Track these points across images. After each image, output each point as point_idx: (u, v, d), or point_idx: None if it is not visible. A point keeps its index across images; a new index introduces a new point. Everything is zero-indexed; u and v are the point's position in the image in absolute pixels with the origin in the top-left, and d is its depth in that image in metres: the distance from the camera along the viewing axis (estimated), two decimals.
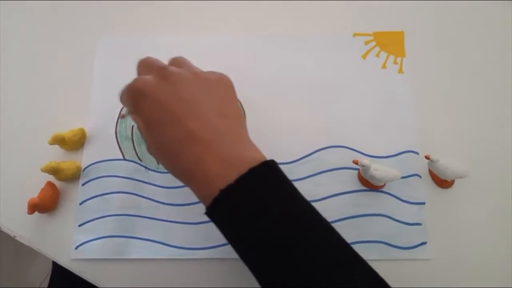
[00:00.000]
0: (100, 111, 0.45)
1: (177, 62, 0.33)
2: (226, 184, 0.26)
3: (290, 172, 0.41)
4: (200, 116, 0.28)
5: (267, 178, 0.28)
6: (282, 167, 0.42)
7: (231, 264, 0.39)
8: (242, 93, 0.45)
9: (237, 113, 0.31)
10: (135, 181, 0.42)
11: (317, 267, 0.25)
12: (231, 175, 0.26)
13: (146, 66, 0.32)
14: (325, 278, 0.25)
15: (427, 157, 0.39)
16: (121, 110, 0.44)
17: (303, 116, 0.44)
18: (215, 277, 0.39)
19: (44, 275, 1.12)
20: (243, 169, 0.26)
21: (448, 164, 0.38)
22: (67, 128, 0.43)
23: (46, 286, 0.52)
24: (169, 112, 0.28)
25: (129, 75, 0.33)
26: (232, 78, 0.45)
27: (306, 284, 0.25)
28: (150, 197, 0.41)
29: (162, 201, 0.41)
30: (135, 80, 0.30)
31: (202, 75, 0.31)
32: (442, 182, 0.41)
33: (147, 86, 0.29)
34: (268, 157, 0.42)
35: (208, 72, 0.32)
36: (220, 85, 0.32)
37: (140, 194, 0.42)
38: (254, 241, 0.27)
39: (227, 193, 0.26)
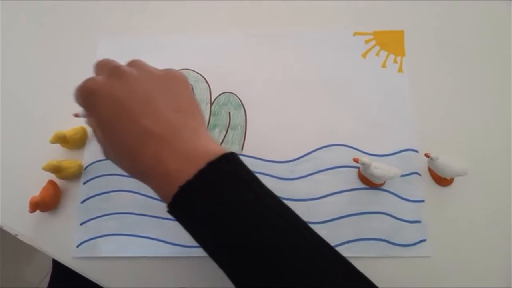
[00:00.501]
0: None
1: (133, 63, 0.32)
2: (185, 180, 0.26)
3: (290, 170, 0.42)
4: (155, 112, 0.28)
5: (227, 171, 0.27)
6: (282, 165, 0.43)
7: None
8: (242, 90, 0.46)
9: (193, 108, 0.31)
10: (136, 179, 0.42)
11: (284, 262, 0.25)
12: (190, 170, 0.26)
13: (101, 67, 0.32)
14: (293, 273, 0.25)
15: (426, 155, 0.40)
16: None
17: (303, 115, 0.44)
18: (214, 274, 0.39)
19: (43, 275, 1.12)
20: (201, 163, 0.26)
21: (448, 162, 0.39)
22: (68, 127, 0.43)
23: (45, 285, 0.52)
24: (123, 110, 0.28)
25: None
26: (232, 76, 0.46)
27: (274, 282, 0.25)
28: (150, 195, 0.42)
29: None
30: (87, 80, 0.30)
31: (156, 72, 0.31)
32: (442, 180, 0.41)
33: (99, 85, 0.29)
34: (268, 156, 0.43)
35: (162, 69, 0.32)
36: (174, 82, 0.31)
37: (140, 192, 0.42)
38: (218, 239, 0.26)
39: (186, 189, 0.26)
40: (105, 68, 0.31)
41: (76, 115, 0.40)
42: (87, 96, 0.29)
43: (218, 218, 0.26)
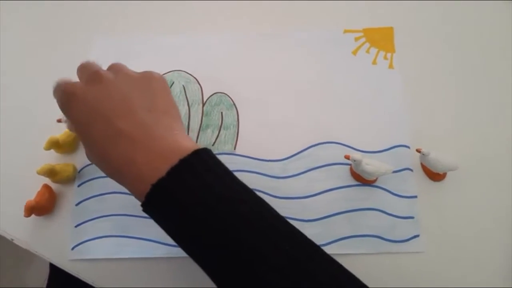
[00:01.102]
0: None
1: (112, 67, 0.33)
2: (158, 178, 0.25)
3: (283, 169, 0.42)
4: (129, 113, 0.28)
5: (199, 168, 0.26)
6: (275, 164, 0.43)
7: None
8: (234, 90, 0.46)
9: (168, 107, 0.31)
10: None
11: (265, 263, 0.24)
12: (162, 168, 0.26)
13: (81, 71, 0.32)
14: (274, 272, 0.24)
15: (418, 151, 0.40)
16: None
17: (295, 113, 0.45)
18: None
19: (43, 279, 1.12)
20: (173, 160, 0.26)
21: (439, 157, 0.39)
22: (61, 130, 0.43)
23: None
24: (98, 112, 0.28)
25: None
26: (223, 77, 0.46)
27: (254, 282, 0.24)
28: None
29: None
30: (65, 84, 0.30)
31: (132, 74, 0.31)
32: (434, 175, 0.41)
33: (77, 90, 0.29)
34: (261, 154, 0.43)
35: (140, 72, 0.32)
36: (150, 82, 0.31)
37: None
38: (194, 238, 0.26)
39: (159, 187, 0.26)
40: (85, 72, 0.31)
41: (59, 121, 0.40)
42: (65, 100, 0.30)
43: (192, 217, 0.25)
